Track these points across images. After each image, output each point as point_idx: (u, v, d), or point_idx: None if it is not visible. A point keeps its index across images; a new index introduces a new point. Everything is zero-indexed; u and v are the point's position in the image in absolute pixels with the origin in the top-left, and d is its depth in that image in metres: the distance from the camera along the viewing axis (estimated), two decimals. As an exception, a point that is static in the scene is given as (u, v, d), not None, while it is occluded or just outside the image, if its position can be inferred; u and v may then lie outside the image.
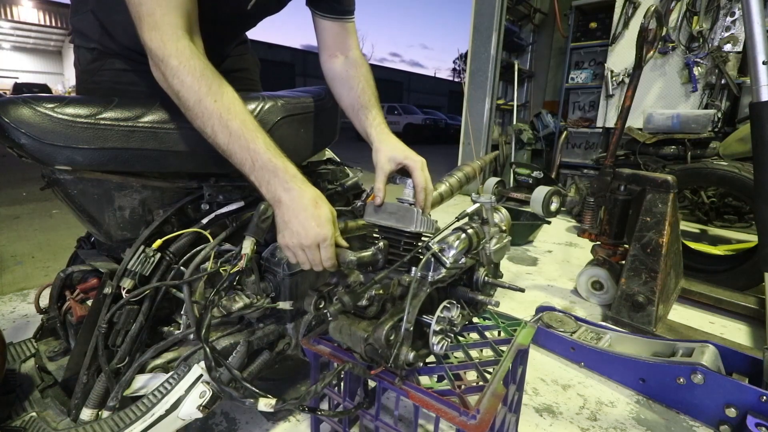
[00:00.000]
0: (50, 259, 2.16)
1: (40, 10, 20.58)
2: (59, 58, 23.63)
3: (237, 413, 1.09)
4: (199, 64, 0.70)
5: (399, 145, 0.90)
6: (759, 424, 1.02)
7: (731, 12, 3.15)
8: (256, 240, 0.85)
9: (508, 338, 0.89)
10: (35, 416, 0.75)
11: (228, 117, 0.70)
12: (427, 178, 0.86)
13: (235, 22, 1.01)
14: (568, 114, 4.65)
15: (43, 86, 17.17)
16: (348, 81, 0.98)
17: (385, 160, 0.88)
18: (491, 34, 4.27)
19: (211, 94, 0.69)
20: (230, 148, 0.71)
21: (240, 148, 0.71)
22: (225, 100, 0.71)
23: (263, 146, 0.72)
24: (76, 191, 0.77)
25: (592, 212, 1.85)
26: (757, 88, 1.18)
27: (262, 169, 0.72)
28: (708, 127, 2.83)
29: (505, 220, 1.05)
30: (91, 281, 0.85)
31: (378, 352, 0.68)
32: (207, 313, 0.72)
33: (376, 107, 0.96)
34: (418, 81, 33.02)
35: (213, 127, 0.70)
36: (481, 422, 0.65)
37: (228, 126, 0.70)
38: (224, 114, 0.70)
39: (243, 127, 0.71)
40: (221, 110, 0.70)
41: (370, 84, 0.98)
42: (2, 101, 0.67)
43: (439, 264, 0.77)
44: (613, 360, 1.32)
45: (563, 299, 1.94)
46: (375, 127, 0.93)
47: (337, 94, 1.01)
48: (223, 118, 0.70)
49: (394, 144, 0.90)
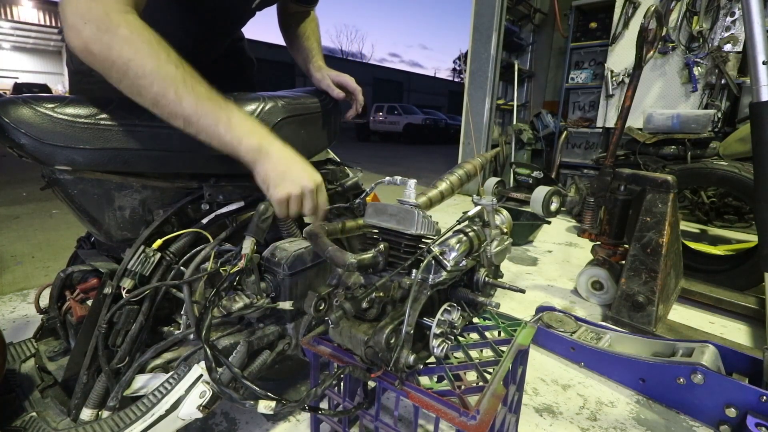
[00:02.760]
0: (50, 259, 2.16)
1: (40, 10, 20.56)
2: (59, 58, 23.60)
3: (237, 413, 1.09)
4: (153, 34, 0.68)
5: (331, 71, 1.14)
6: (759, 424, 1.02)
7: (731, 12, 3.15)
8: (256, 240, 0.85)
9: (508, 338, 0.89)
10: (35, 416, 0.75)
11: (193, 82, 0.69)
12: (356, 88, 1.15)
13: (236, 14, 1.02)
14: (568, 114, 4.65)
15: (43, 86, 17.16)
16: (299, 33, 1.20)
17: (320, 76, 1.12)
18: (491, 34, 4.27)
19: (172, 61, 0.68)
20: (200, 110, 0.69)
21: (213, 107, 0.70)
22: (187, 68, 0.70)
23: (234, 105, 0.72)
24: (76, 191, 0.77)
25: (592, 212, 1.85)
26: (757, 88, 1.17)
27: (240, 125, 0.71)
28: (708, 127, 2.83)
29: (506, 221, 1.05)
30: (91, 281, 0.85)
31: (378, 355, 0.68)
32: (207, 313, 0.72)
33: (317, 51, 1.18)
34: (418, 81, 32.98)
35: (176, 91, 0.67)
36: (481, 423, 0.65)
37: (194, 89, 0.69)
38: (188, 79, 0.69)
39: (210, 90, 0.70)
40: (185, 75, 0.68)
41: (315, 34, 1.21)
42: (2, 101, 0.67)
43: (439, 267, 0.77)
44: (613, 360, 1.32)
45: (563, 299, 1.94)
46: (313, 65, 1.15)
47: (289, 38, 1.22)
48: (188, 83, 0.68)
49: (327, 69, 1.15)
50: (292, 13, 1.20)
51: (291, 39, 1.21)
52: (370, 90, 24.92)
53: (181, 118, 0.69)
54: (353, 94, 1.16)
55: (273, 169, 0.74)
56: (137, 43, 0.65)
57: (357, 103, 1.17)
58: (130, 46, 0.65)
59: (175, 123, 0.70)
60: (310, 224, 0.89)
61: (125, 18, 0.65)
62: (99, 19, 0.63)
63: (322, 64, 1.16)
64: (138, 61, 0.65)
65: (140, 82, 0.66)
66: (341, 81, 1.14)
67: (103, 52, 0.64)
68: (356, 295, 0.70)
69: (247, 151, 0.73)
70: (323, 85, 1.12)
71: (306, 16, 1.21)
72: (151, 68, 0.66)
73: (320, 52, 1.20)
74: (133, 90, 0.67)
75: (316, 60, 1.17)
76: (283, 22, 1.21)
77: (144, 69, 0.65)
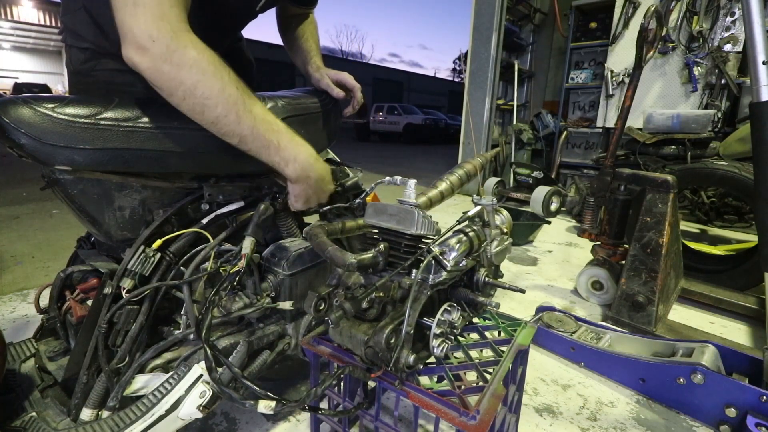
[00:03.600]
0: (50, 259, 2.16)
1: (40, 10, 20.54)
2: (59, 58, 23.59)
3: (237, 413, 1.09)
4: (214, 54, 0.70)
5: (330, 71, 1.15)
6: (759, 424, 1.02)
7: (731, 12, 3.15)
8: (256, 240, 0.85)
9: (508, 338, 0.89)
10: (35, 416, 0.75)
11: (251, 102, 0.73)
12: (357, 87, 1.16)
13: (240, 16, 1.03)
14: (568, 114, 4.65)
15: (43, 86, 17.16)
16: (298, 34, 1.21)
17: (319, 76, 1.13)
18: (491, 34, 4.27)
19: (232, 82, 0.70)
20: (256, 131, 0.73)
21: (266, 129, 0.75)
22: (245, 88, 0.73)
23: (284, 126, 0.80)
24: (76, 191, 0.77)
25: (592, 212, 1.85)
26: (757, 88, 1.17)
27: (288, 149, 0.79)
28: (708, 127, 2.83)
29: (506, 221, 1.05)
30: (91, 281, 0.85)
31: (378, 355, 0.68)
32: (207, 313, 0.72)
33: (315, 52, 1.19)
34: (418, 81, 32.99)
35: (238, 112, 0.71)
36: (481, 423, 0.65)
37: (252, 111, 0.72)
38: (247, 100, 0.72)
39: (265, 111, 0.76)
40: (244, 96, 0.71)
41: (313, 35, 1.21)
42: (2, 101, 0.66)
43: (439, 267, 0.77)
44: (613, 360, 1.32)
45: (563, 299, 1.94)
46: (311, 66, 1.16)
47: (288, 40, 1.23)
48: (247, 104, 0.72)
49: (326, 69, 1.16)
50: (291, 15, 1.21)
51: (290, 41, 1.22)
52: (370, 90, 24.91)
53: (238, 137, 0.73)
54: (352, 92, 1.16)
55: (308, 191, 0.86)
56: (204, 64, 0.67)
57: (356, 100, 1.17)
58: (198, 67, 0.66)
59: (229, 140, 0.74)
60: (311, 224, 0.89)
61: (191, 38, 0.67)
62: (168, 39, 0.64)
63: (320, 64, 1.17)
64: (206, 82, 0.67)
65: (206, 102, 0.69)
66: (340, 79, 1.14)
67: (172, 72, 0.66)
68: (356, 295, 0.70)
69: (291, 172, 0.81)
70: (322, 85, 1.12)
71: (305, 19, 1.22)
72: (218, 90, 0.68)
73: (319, 53, 1.20)
74: (196, 109, 0.70)
75: (315, 60, 1.17)
76: (282, 24, 1.22)
77: (211, 91, 0.68)
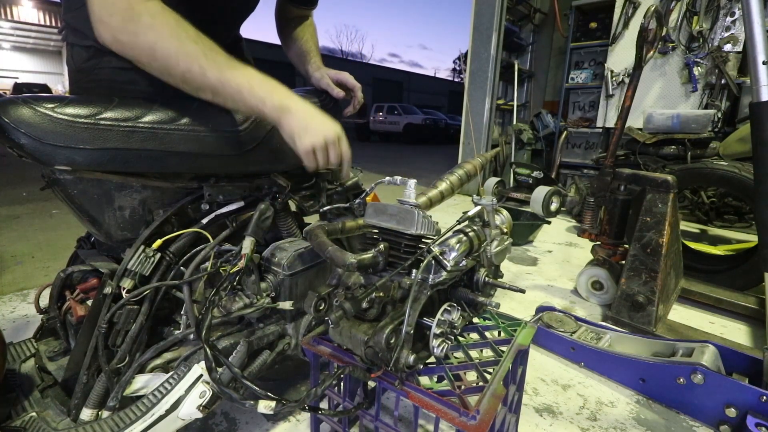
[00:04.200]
0: (50, 259, 2.16)
1: (40, 10, 20.54)
2: (59, 58, 23.58)
3: (237, 413, 1.09)
4: (173, 16, 0.72)
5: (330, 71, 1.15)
6: (759, 424, 1.02)
7: (731, 12, 3.15)
8: (256, 240, 0.85)
9: (508, 338, 0.89)
10: (35, 416, 0.75)
11: (213, 54, 0.74)
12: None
13: (240, 7, 1.04)
14: (568, 114, 4.65)
15: (43, 86, 17.15)
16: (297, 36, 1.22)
17: (319, 76, 1.13)
18: (491, 34, 4.27)
19: (190, 38, 0.72)
20: (223, 78, 0.73)
21: (234, 74, 0.74)
22: (206, 41, 0.74)
23: (254, 69, 0.78)
24: (76, 191, 0.77)
25: (592, 212, 1.85)
26: (757, 88, 1.17)
27: (261, 87, 0.76)
28: (708, 127, 2.83)
29: (506, 221, 1.05)
30: (91, 281, 0.85)
31: (378, 355, 0.68)
32: (207, 313, 0.72)
33: (315, 52, 1.20)
34: (418, 81, 32.96)
35: (201, 65, 0.72)
36: (481, 423, 0.65)
37: (215, 60, 0.73)
38: (209, 52, 0.73)
39: (229, 58, 0.75)
40: (205, 49, 0.73)
41: (313, 37, 1.22)
42: (2, 101, 0.66)
43: (439, 267, 0.77)
44: (613, 360, 1.32)
45: (563, 299, 1.94)
46: (312, 65, 1.17)
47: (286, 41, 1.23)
48: (209, 56, 0.73)
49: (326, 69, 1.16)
50: (290, 17, 1.21)
51: (289, 43, 1.22)
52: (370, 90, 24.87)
53: (209, 89, 0.74)
54: (353, 91, 1.17)
55: (296, 123, 0.79)
56: (159, 27, 0.70)
57: (356, 100, 1.18)
58: (153, 31, 0.70)
59: (204, 96, 0.76)
60: (311, 224, 0.89)
61: (146, 6, 0.70)
62: (123, 11, 0.69)
63: (321, 64, 1.17)
64: (162, 43, 0.70)
65: (167, 62, 0.71)
66: (340, 78, 1.15)
67: (130, 40, 0.70)
68: (356, 295, 0.70)
69: (271, 110, 0.78)
70: (323, 84, 1.13)
71: (304, 20, 1.22)
72: (175, 48, 0.71)
73: (318, 53, 1.21)
74: (163, 71, 0.73)
75: (315, 60, 1.18)
76: (281, 26, 1.23)
77: (169, 50, 0.70)
